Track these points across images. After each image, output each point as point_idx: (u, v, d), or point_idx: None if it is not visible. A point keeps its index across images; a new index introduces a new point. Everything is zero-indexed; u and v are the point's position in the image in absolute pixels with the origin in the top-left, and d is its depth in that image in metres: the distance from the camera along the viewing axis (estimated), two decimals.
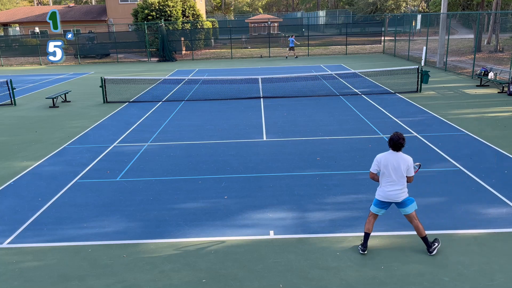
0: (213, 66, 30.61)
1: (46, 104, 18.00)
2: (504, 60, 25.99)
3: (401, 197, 5.80)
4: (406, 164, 5.75)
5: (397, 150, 5.78)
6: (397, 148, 5.76)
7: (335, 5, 75.90)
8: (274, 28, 48.92)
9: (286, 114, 14.57)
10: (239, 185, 8.64)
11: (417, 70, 17.95)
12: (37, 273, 5.87)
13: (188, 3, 37.31)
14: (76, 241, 6.67)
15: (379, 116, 13.94)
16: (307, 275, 5.63)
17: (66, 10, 45.05)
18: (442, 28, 24.59)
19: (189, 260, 6.06)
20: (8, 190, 8.81)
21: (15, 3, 66.59)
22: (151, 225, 7.12)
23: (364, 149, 10.64)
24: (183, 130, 13.01)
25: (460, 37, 40.79)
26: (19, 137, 12.89)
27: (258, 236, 6.65)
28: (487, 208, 7.29)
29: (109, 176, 9.37)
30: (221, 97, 18.04)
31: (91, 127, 13.79)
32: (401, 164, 5.74)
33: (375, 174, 5.97)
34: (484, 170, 8.97)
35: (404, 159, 5.77)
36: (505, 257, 5.87)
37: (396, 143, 5.73)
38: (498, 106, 14.88)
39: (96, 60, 37.62)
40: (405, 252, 6.06)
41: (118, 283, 5.60)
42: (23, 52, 38.41)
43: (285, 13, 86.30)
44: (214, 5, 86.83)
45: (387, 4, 48.81)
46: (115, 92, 19.33)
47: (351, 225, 6.87)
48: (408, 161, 5.77)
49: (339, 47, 39.34)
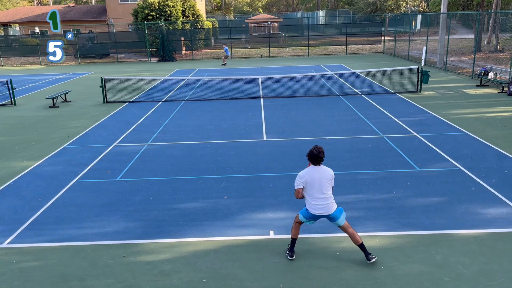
0: (213, 66, 30.61)
1: (46, 104, 17.99)
2: (504, 60, 25.99)
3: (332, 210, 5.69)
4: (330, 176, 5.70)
5: (318, 164, 5.67)
6: (318, 162, 5.65)
7: (335, 5, 75.91)
8: (274, 28, 48.89)
9: (286, 114, 14.56)
10: (239, 185, 8.64)
11: (417, 70, 17.95)
12: (37, 273, 5.87)
13: (188, 3, 37.32)
14: (76, 241, 6.67)
15: (379, 116, 13.94)
16: (307, 275, 5.63)
17: (66, 10, 45.05)
18: (442, 28, 24.59)
19: (189, 260, 6.06)
20: (8, 190, 8.81)
21: (15, 3, 66.58)
22: (151, 225, 7.12)
23: (364, 149, 10.64)
24: (183, 130, 13.00)
25: (460, 37, 40.80)
26: (19, 137, 12.89)
27: (258, 236, 6.65)
28: (487, 208, 7.29)
29: (109, 176, 9.37)
30: (221, 97, 18.04)
31: (91, 127, 13.79)
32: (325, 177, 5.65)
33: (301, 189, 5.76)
34: (484, 170, 8.97)
35: (327, 171, 5.71)
36: (505, 257, 5.87)
37: (317, 157, 5.61)
38: (498, 106, 14.88)
39: (96, 60, 37.62)
40: (405, 252, 6.06)
41: (118, 283, 5.60)
42: (23, 52, 38.42)
43: (285, 13, 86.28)
44: (214, 5, 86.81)
45: (387, 4, 48.81)
46: (115, 92, 19.33)
47: (351, 225, 6.85)
48: (331, 173, 5.73)
49: (339, 47, 39.34)
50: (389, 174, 8.92)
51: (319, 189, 5.63)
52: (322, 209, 5.65)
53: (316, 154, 5.62)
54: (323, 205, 5.65)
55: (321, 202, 5.64)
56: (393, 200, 7.71)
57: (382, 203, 7.59)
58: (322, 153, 5.64)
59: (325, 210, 5.66)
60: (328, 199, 5.67)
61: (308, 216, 5.80)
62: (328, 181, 5.68)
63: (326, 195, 5.66)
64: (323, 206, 5.65)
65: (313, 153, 5.64)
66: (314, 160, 5.66)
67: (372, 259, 5.74)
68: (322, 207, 5.65)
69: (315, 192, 5.64)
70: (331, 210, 5.67)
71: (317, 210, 5.67)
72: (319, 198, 5.64)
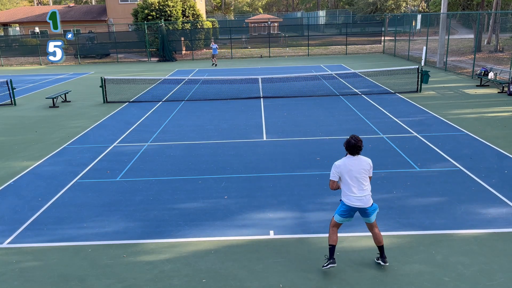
0: (213, 66, 30.60)
1: (46, 104, 17.99)
2: (504, 60, 25.99)
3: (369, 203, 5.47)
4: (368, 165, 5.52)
5: (357, 153, 5.48)
6: (357, 151, 5.46)
7: (335, 5, 75.91)
8: (274, 28, 48.91)
9: (286, 114, 14.56)
10: (239, 185, 8.64)
11: (417, 70, 17.95)
12: (37, 273, 5.87)
13: (188, 3, 37.32)
14: (76, 241, 6.67)
15: (379, 116, 13.94)
16: (307, 275, 5.63)
17: (66, 10, 45.05)
18: (442, 28, 24.59)
19: (189, 260, 6.06)
20: (8, 190, 8.81)
21: (15, 3, 66.56)
22: (151, 225, 7.12)
23: (364, 149, 10.57)
24: (183, 130, 13.00)
25: (460, 37, 40.79)
26: (19, 137, 12.89)
27: (258, 236, 6.65)
28: (487, 208, 7.29)
29: (109, 176, 9.37)
30: (221, 97, 18.04)
31: (91, 127, 13.79)
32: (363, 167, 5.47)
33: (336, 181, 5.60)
34: (484, 170, 8.97)
35: (366, 161, 5.54)
36: (505, 257, 5.87)
37: (355, 146, 5.42)
38: (498, 106, 14.88)
39: (96, 60, 37.61)
40: (405, 252, 6.06)
41: (118, 283, 5.60)
42: (23, 52, 38.41)
43: (285, 13, 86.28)
44: (214, 5, 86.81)
45: (387, 4, 48.82)
46: (115, 92, 19.33)
47: (351, 225, 6.86)
48: (369, 162, 5.55)
49: (339, 47, 39.34)
50: (389, 174, 8.92)
51: (356, 180, 5.40)
52: (360, 200, 5.40)
53: (354, 143, 5.38)
54: (360, 197, 5.40)
55: (359, 193, 5.40)
56: (393, 200, 7.71)
57: (382, 203, 7.58)
58: (360, 142, 5.41)
59: (363, 203, 5.41)
60: (366, 190, 5.44)
61: (345, 211, 5.51)
62: (366, 171, 5.45)
63: (364, 186, 5.43)
64: (361, 198, 5.40)
65: (351, 143, 5.40)
66: (352, 150, 5.42)
67: (386, 263, 5.64)
68: (360, 198, 5.40)
69: (353, 183, 5.41)
70: (369, 203, 5.44)
71: (354, 202, 5.41)
72: (358, 190, 5.40)
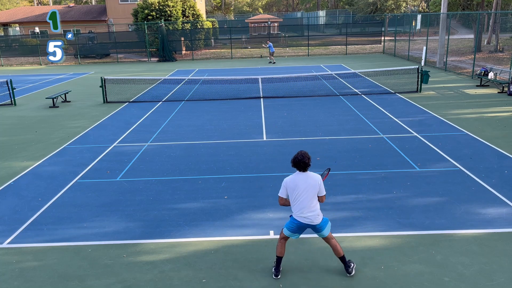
0: (213, 66, 30.60)
1: (46, 104, 18.00)
2: (504, 60, 25.99)
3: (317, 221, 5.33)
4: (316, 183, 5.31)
5: (304, 170, 5.32)
6: (303, 168, 5.30)
7: (335, 5, 75.90)
8: (274, 28, 48.89)
9: (286, 114, 14.56)
10: (239, 185, 8.64)
11: (417, 70, 17.95)
12: (37, 273, 5.87)
13: (188, 3, 37.32)
14: (76, 241, 6.67)
15: (379, 116, 13.94)
16: (307, 275, 5.63)
17: (66, 10, 45.06)
18: (442, 28, 24.59)
19: (189, 260, 6.06)
20: (8, 190, 8.81)
21: (15, 3, 66.57)
22: (151, 225, 7.12)
23: (364, 149, 10.64)
24: (183, 130, 13.00)
25: (460, 37, 40.79)
26: (19, 137, 12.89)
27: (258, 236, 6.65)
28: (487, 208, 7.29)
29: (109, 176, 9.37)
30: (221, 97, 18.04)
31: (91, 127, 13.79)
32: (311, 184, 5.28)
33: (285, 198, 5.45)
34: (484, 170, 8.97)
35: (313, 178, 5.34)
36: (505, 257, 5.87)
37: (300, 162, 5.25)
38: (498, 106, 14.89)
39: (96, 60, 37.62)
40: (405, 252, 6.06)
41: (118, 283, 5.60)
42: (23, 52, 38.42)
43: (285, 13, 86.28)
44: (214, 5, 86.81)
45: (387, 4, 48.82)
46: (115, 92, 19.33)
47: (351, 225, 6.87)
48: (318, 179, 5.35)
49: (339, 47, 39.34)
50: (389, 174, 8.92)
51: (304, 199, 5.26)
52: (308, 219, 5.28)
53: (300, 159, 5.24)
54: (308, 217, 5.28)
55: (307, 213, 5.27)
56: (393, 200, 7.71)
57: (382, 203, 7.59)
58: (307, 158, 5.26)
59: (311, 220, 5.28)
60: (314, 211, 5.30)
61: (293, 226, 5.40)
62: (314, 188, 5.28)
63: (313, 206, 5.29)
64: (308, 217, 5.28)
65: (297, 159, 5.27)
66: (299, 166, 5.29)
67: (352, 272, 5.53)
68: (307, 217, 5.28)
69: (301, 202, 5.27)
70: (317, 220, 5.31)
71: (302, 220, 5.30)
72: (305, 209, 5.27)
